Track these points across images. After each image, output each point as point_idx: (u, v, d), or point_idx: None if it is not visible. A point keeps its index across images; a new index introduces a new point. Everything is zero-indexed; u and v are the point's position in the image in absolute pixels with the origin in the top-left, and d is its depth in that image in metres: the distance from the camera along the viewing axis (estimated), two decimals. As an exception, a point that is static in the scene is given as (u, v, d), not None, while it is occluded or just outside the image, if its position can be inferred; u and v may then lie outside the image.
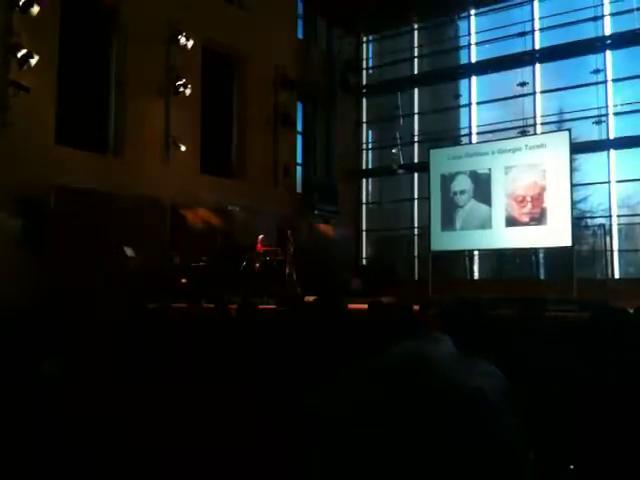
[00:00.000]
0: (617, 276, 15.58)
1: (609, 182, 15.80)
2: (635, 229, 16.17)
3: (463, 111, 18.81)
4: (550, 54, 16.81)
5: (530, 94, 17.06)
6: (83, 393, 2.24)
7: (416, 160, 19.03)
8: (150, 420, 1.99)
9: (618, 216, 15.86)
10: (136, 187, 12.73)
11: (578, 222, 15.43)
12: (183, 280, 12.02)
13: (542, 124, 16.93)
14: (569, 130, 14.31)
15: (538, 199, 13.95)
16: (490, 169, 14.71)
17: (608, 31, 16.01)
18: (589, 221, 16.50)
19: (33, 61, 11.19)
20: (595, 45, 16.03)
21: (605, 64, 15.96)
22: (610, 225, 15.70)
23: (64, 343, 3.05)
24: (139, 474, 1.86)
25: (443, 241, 15.45)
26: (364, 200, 20.30)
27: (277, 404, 1.97)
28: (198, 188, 14.17)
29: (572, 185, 13.73)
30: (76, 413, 2.12)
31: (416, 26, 19.61)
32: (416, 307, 5.59)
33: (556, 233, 13.58)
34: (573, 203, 13.94)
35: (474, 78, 18.34)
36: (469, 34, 18.51)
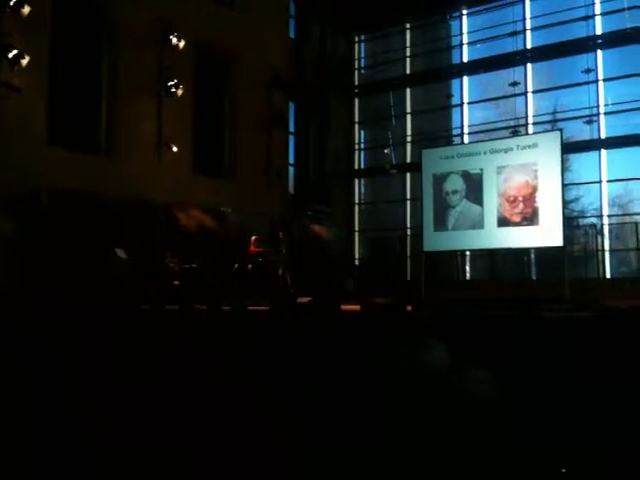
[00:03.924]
0: (608, 276, 15.65)
1: (600, 182, 15.88)
2: (626, 229, 16.24)
3: (455, 111, 18.85)
4: (541, 54, 16.88)
5: (522, 94, 17.13)
6: (76, 393, 2.23)
7: (408, 160, 19.06)
8: (145, 420, 1.99)
9: (609, 216, 15.94)
10: (128, 188, 12.68)
11: (570, 222, 15.48)
12: (176, 282, 11.98)
13: (534, 124, 17.00)
14: (561, 130, 14.35)
15: (530, 199, 13.98)
16: (482, 169, 14.73)
17: (599, 30, 16.09)
18: (580, 221, 16.57)
19: (24, 61, 11.13)
20: (586, 44, 16.11)
21: (596, 63, 16.04)
22: (601, 225, 15.78)
23: (57, 345, 3.03)
24: (138, 473, 1.85)
25: (435, 241, 15.45)
26: (357, 200, 20.30)
27: (271, 404, 1.97)
28: (190, 189, 14.14)
29: (563, 185, 13.77)
30: (72, 413, 2.10)
31: (408, 26, 19.65)
32: (409, 307, 5.59)
33: (548, 233, 13.61)
34: (565, 203, 13.99)
35: (466, 78, 18.39)
36: (461, 34, 18.56)
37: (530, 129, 16.82)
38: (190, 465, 1.83)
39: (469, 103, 18.36)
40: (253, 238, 13.68)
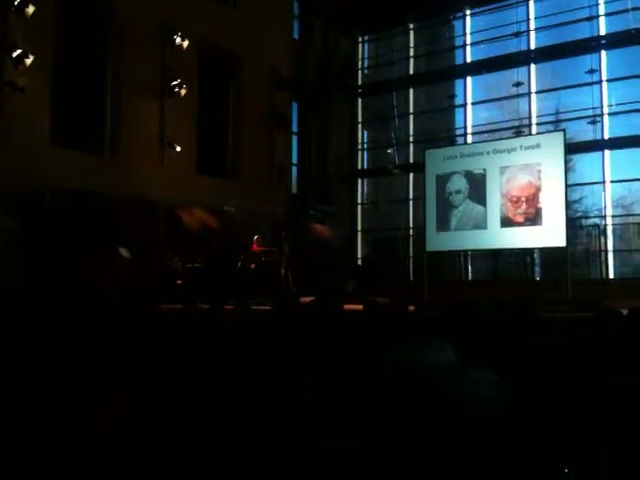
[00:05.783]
0: (611, 276, 15.62)
1: (604, 182, 15.85)
2: (629, 229, 16.21)
3: (458, 111, 18.83)
4: (545, 54, 16.85)
5: (525, 94, 17.10)
6: (78, 392, 2.23)
7: (411, 160, 19.05)
8: (148, 420, 1.99)
9: (612, 216, 15.91)
10: (131, 188, 12.69)
11: (573, 222, 15.45)
12: (179, 281, 12.00)
13: (537, 124, 16.97)
14: (564, 130, 14.32)
15: (533, 199, 13.95)
16: (485, 169, 14.71)
17: (603, 31, 16.05)
18: (584, 221, 16.55)
19: (28, 61, 11.16)
20: (590, 45, 16.07)
21: (600, 64, 16.00)
22: (604, 225, 15.74)
23: (59, 344, 3.04)
24: (137, 472, 1.86)
25: (438, 241, 15.43)
26: (359, 200, 20.29)
27: (273, 404, 1.97)
28: (193, 189, 14.14)
29: (567, 185, 13.75)
30: (74, 411, 2.11)
31: (411, 26, 19.63)
32: (411, 308, 5.60)
33: (551, 233, 13.58)
34: (568, 203, 13.95)
35: (469, 78, 18.36)
36: (464, 34, 18.51)
37: (533, 129, 16.79)
38: (194, 465, 1.84)
39: (472, 103, 18.33)
40: (256, 237, 13.70)
